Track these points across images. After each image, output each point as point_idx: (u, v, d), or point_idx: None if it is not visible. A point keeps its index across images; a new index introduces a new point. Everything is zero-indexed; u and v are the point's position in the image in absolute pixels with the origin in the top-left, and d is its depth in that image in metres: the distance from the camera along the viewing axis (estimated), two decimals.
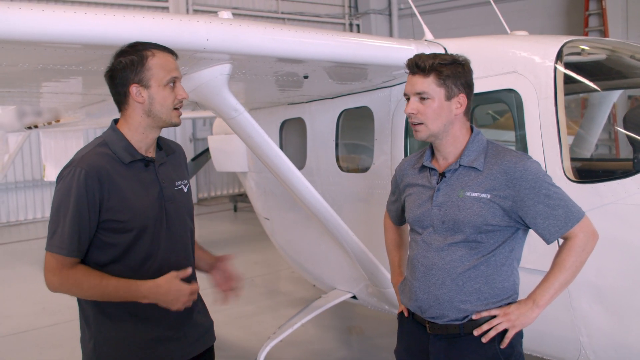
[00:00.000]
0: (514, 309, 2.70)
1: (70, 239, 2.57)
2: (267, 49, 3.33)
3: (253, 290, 8.63)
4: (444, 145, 2.82)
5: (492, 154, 2.76)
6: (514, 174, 2.64)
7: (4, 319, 7.72)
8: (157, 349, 2.78)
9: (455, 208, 2.73)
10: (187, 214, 2.96)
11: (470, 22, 16.62)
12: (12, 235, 14.31)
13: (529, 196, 2.62)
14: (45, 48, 2.74)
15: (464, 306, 2.74)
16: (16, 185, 15.58)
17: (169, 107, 2.68)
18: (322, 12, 20.47)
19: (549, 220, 2.63)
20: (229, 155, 6.70)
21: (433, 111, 2.72)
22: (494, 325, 2.70)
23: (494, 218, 2.67)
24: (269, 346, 4.77)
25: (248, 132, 3.77)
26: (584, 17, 15.43)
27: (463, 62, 2.76)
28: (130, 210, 2.65)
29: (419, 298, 2.85)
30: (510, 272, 2.78)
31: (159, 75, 2.62)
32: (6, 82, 3.84)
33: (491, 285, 2.73)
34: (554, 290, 2.67)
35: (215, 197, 18.82)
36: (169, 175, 2.85)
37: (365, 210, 4.85)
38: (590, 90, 4.54)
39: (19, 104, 6.48)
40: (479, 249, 2.72)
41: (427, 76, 2.71)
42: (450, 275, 2.75)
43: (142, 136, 2.73)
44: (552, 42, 3.73)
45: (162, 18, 2.90)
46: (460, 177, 2.77)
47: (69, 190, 2.57)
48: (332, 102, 5.06)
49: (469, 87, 2.77)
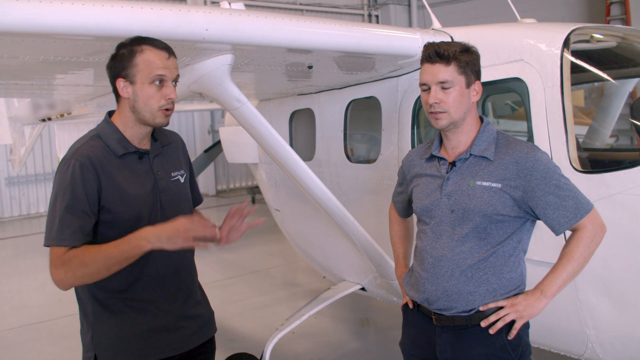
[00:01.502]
0: (521, 299, 2.69)
1: (71, 229, 2.54)
2: (269, 38, 3.29)
3: (268, 282, 8.66)
4: (457, 134, 2.80)
5: (502, 144, 2.75)
6: (526, 164, 2.64)
7: (21, 310, 7.83)
8: (155, 339, 2.77)
9: (465, 197, 2.72)
10: (186, 204, 2.94)
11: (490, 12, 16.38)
12: (32, 227, 14.48)
13: (539, 187, 2.62)
14: (44, 40, 2.74)
15: (472, 297, 2.73)
16: (36, 177, 15.78)
17: (152, 107, 2.62)
18: (341, 3, 20.43)
19: (558, 211, 2.63)
20: (240, 146, 6.69)
21: (455, 99, 2.70)
22: (501, 317, 2.69)
23: (504, 208, 2.66)
24: (276, 337, 4.75)
25: (251, 123, 3.75)
26: (606, 6, 15.25)
27: (473, 49, 2.77)
28: (124, 202, 2.63)
29: (427, 290, 2.83)
30: (518, 263, 2.77)
31: (144, 72, 2.58)
32: (11, 73, 3.85)
33: (499, 277, 2.73)
34: (562, 281, 2.65)
35: (233, 189, 18.90)
36: (164, 167, 2.83)
37: (373, 200, 4.82)
38: (599, 79, 4.46)
39: (31, 95, 6.51)
40: (488, 239, 2.71)
41: (448, 64, 2.68)
42: (459, 266, 2.74)
43: (133, 130, 2.71)
44: (559, 30, 3.66)
45: (160, 9, 2.88)
46: (470, 167, 2.76)
47: (64, 184, 2.56)
48: (340, 93, 5.03)
49: (480, 74, 2.78)
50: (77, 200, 2.54)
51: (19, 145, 10.13)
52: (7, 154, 13.93)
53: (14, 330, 7.09)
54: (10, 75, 3.96)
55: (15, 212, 15.62)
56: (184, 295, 2.90)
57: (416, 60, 3.94)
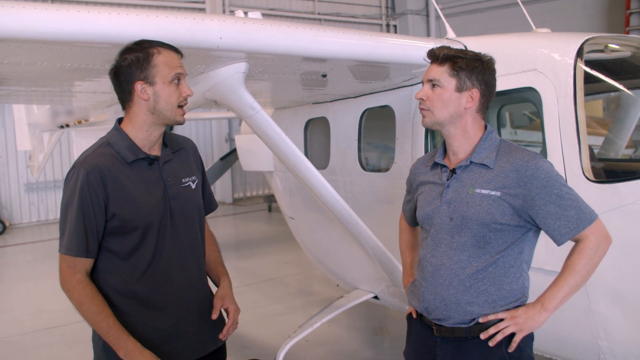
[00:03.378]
0: (521, 312, 2.65)
1: (77, 240, 2.60)
2: (282, 47, 3.31)
3: (282, 290, 8.68)
4: (453, 139, 2.80)
5: (504, 151, 2.73)
6: (526, 172, 2.60)
7: (38, 314, 7.90)
8: (169, 346, 2.79)
9: (464, 205, 2.71)
10: (196, 211, 2.95)
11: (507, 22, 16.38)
12: (50, 233, 14.59)
13: (540, 195, 2.57)
14: (61, 47, 2.77)
15: (470, 308, 2.70)
16: (54, 184, 15.93)
17: (173, 105, 2.68)
18: (359, 12, 20.48)
19: (560, 221, 2.58)
20: (255, 154, 6.72)
21: (441, 100, 2.72)
22: (501, 329, 2.66)
23: (503, 216, 2.63)
24: (288, 345, 4.76)
25: (266, 131, 3.77)
26: (625, 17, 15.15)
27: (485, 60, 2.74)
28: (134, 209, 2.66)
29: (425, 299, 2.83)
30: (519, 275, 2.73)
31: (164, 72, 2.63)
32: (29, 80, 3.91)
33: (499, 287, 2.69)
34: (564, 294, 2.60)
35: (250, 197, 18.96)
36: (174, 173, 2.85)
37: (386, 209, 4.82)
38: (613, 89, 4.44)
39: (48, 102, 6.59)
40: (487, 248, 2.68)
41: (441, 65, 2.72)
42: (458, 276, 2.72)
43: (146, 134, 2.73)
44: (572, 39, 3.66)
45: (175, 17, 2.92)
46: (470, 174, 2.74)
47: (73, 192, 2.60)
48: (354, 101, 5.05)
49: (485, 84, 2.73)
50: (84, 211, 2.58)
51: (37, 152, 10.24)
52: (26, 160, 14.11)
53: (30, 335, 7.16)
54: (29, 82, 4.02)
55: (33, 218, 15.80)
56: (197, 302, 2.91)
57: None
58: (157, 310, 2.76)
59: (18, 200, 15.62)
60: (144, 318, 2.75)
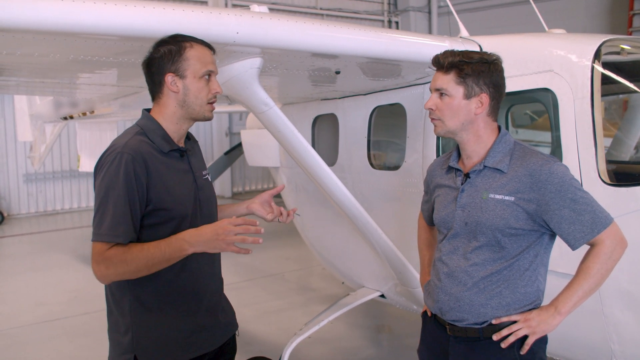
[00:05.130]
0: (535, 315, 2.65)
1: (125, 225, 2.50)
2: (298, 43, 3.29)
3: (284, 286, 8.66)
4: (466, 144, 2.79)
5: (517, 155, 2.70)
6: (540, 177, 2.58)
7: (38, 307, 7.86)
8: (196, 337, 2.80)
9: (478, 210, 2.70)
10: (215, 202, 2.99)
11: (509, 21, 16.46)
12: (48, 224, 14.59)
13: (554, 200, 2.56)
14: (75, 39, 2.73)
15: (484, 310, 2.71)
16: (54, 175, 15.91)
17: (202, 100, 2.69)
18: (361, 8, 20.42)
19: (574, 225, 2.56)
20: (261, 149, 6.68)
21: (450, 108, 2.70)
22: (513, 331, 2.66)
23: (517, 221, 2.62)
24: (294, 343, 4.74)
25: (278, 127, 3.74)
26: (628, 17, 15.15)
27: (491, 61, 2.70)
28: (172, 198, 2.64)
29: (440, 299, 2.84)
30: (535, 278, 2.72)
31: (195, 66, 2.64)
32: (40, 72, 3.87)
33: (513, 290, 2.69)
34: (578, 298, 2.59)
35: (249, 191, 18.92)
36: (197, 165, 2.88)
37: (395, 207, 4.80)
38: (630, 91, 4.41)
39: (54, 94, 6.55)
40: (502, 252, 2.68)
41: (447, 73, 2.69)
42: (472, 278, 2.72)
43: (176, 126, 2.74)
44: (589, 41, 3.63)
45: (192, 10, 2.88)
46: (484, 179, 2.73)
47: (116, 176, 2.51)
48: (364, 99, 5.02)
49: (494, 86, 2.70)
50: (130, 195, 2.52)
51: (39, 143, 10.19)
52: (26, 151, 14.07)
53: (30, 327, 7.12)
54: (39, 74, 3.98)
55: (32, 209, 15.75)
56: (217, 291, 2.96)
57: None
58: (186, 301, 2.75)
59: (17, 191, 15.57)
60: (174, 310, 2.73)
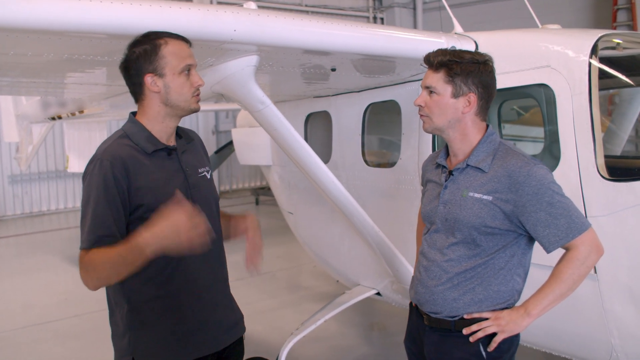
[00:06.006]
0: (505, 314, 2.70)
1: (104, 230, 2.50)
2: (295, 40, 3.28)
3: (275, 285, 8.62)
4: (452, 142, 2.85)
5: (500, 156, 2.75)
6: (518, 178, 2.62)
7: (27, 309, 7.78)
8: (194, 339, 2.77)
9: (457, 207, 2.76)
10: (213, 201, 2.94)
11: (495, 16, 16.48)
12: (35, 226, 14.44)
13: (530, 202, 2.60)
14: (71, 38, 2.69)
15: (456, 304, 2.77)
16: (39, 176, 15.72)
17: (186, 95, 2.66)
18: (346, 5, 20.38)
19: (549, 229, 2.60)
20: (253, 148, 6.65)
21: (438, 106, 2.76)
22: (482, 327, 2.71)
23: (494, 221, 2.67)
24: (292, 342, 4.72)
25: (274, 125, 3.72)
26: (612, 12, 15.24)
27: (481, 62, 2.74)
28: (157, 199, 2.59)
29: (418, 291, 2.93)
30: (510, 278, 2.76)
31: (172, 63, 2.60)
32: (32, 72, 3.81)
33: (486, 287, 2.74)
34: (548, 302, 2.63)
35: (237, 190, 18.83)
36: (191, 163, 2.83)
37: (390, 204, 4.78)
38: (626, 86, 4.42)
39: (44, 94, 6.48)
40: (477, 250, 2.74)
41: (437, 72, 2.76)
42: (447, 273, 2.79)
43: (162, 125, 2.71)
44: (586, 36, 3.63)
45: (189, 8, 2.85)
46: (466, 177, 2.78)
47: (97, 183, 2.53)
48: (358, 96, 4.99)
49: (483, 87, 2.74)
50: (110, 199, 2.51)
51: (26, 144, 10.09)
52: (11, 152, 13.92)
53: (19, 331, 7.03)
54: (31, 74, 3.91)
55: (17, 210, 15.54)
56: (218, 290, 2.90)
57: None
58: (183, 303, 2.72)
59: (2, 192, 15.33)
60: (171, 312, 2.71)
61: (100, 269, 2.46)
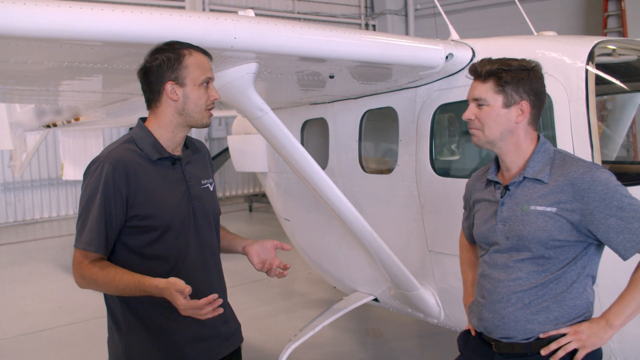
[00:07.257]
0: (585, 327, 2.53)
1: (98, 235, 2.55)
2: (295, 47, 3.29)
3: (269, 291, 8.61)
4: (505, 155, 2.70)
5: (558, 164, 2.60)
6: (582, 186, 2.48)
7: (21, 317, 7.75)
8: (189, 349, 2.76)
9: (519, 223, 2.60)
10: (213, 213, 2.94)
11: (486, 23, 16.55)
12: (27, 234, 14.38)
13: (599, 209, 2.45)
14: (72, 46, 2.70)
15: (530, 326, 2.61)
16: (32, 183, 15.66)
17: (201, 107, 2.68)
18: (338, 12, 20.42)
19: (623, 234, 2.45)
20: (249, 155, 6.65)
21: (490, 118, 2.62)
22: (562, 345, 2.54)
23: (561, 233, 2.52)
24: (290, 348, 4.72)
25: (273, 132, 3.73)
26: (603, 19, 15.32)
27: (530, 68, 2.63)
28: (156, 208, 2.63)
29: (484, 317, 2.74)
30: (583, 289, 2.61)
31: (194, 74, 2.62)
32: (30, 79, 3.81)
33: (561, 304, 2.58)
34: (631, 310, 2.48)
35: (230, 197, 18.82)
36: (195, 174, 2.85)
37: (388, 211, 4.79)
38: (622, 92, 4.47)
39: (40, 102, 6.45)
40: (547, 265, 2.58)
41: (485, 82, 2.62)
42: (515, 292, 2.63)
43: (172, 134, 2.72)
44: (583, 43, 3.67)
45: (189, 16, 2.87)
46: (524, 190, 2.63)
47: (96, 186, 2.56)
48: (355, 103, 5.01)
49: (535, 94, 2.62)
50: (107, 205, 2.55)
51: (20, 152, 10.06)
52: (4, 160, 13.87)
53: (15, 339, 7.00)
54: (30, 81, 3.91)
55: (10, 218, 15.46)
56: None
57: (437, 72, 3.94)
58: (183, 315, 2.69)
59: None
60: (168, 320, 2.71)
61: (103, 286, 2.55)
